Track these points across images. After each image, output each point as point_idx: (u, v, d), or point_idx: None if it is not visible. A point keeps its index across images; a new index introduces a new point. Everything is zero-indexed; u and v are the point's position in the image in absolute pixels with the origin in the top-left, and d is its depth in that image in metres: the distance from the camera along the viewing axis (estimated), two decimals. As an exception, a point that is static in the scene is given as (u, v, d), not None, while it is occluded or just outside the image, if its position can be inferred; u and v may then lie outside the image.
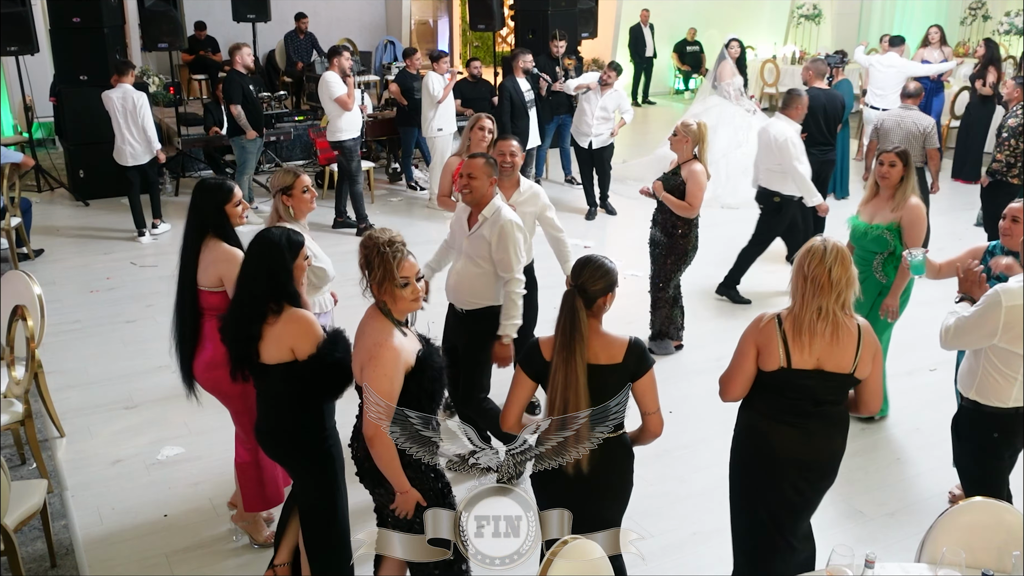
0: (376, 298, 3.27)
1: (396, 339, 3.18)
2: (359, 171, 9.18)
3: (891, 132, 7.68)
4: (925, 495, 4.78)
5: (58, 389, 5.68)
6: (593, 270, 3.16)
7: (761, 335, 3.31)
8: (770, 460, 3.39)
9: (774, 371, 3.28)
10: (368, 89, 14.17)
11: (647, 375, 3.21)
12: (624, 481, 3.34)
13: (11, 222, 8.11)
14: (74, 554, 4.31)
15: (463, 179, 4.52)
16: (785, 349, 3.24)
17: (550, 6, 11.85)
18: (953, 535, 3.10)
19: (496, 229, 4.48)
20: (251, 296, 3.42)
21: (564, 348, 3.10)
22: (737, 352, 3.39)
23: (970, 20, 15.65)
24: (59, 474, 4.99)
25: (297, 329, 3.39)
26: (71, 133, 10.47)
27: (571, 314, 3.11)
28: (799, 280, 3.25)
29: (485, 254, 4.55)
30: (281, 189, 4.27)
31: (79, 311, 7.28)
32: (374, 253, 3.20)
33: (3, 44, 9.84)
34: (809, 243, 3.29)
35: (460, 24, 18.14)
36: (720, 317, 7.07)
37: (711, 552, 4.24)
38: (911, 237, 4.97)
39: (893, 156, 5.04)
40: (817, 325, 3.21)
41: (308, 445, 3.54)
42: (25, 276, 5.24)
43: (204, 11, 14.47)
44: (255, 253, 3.48)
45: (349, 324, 3.49)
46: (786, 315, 3.30)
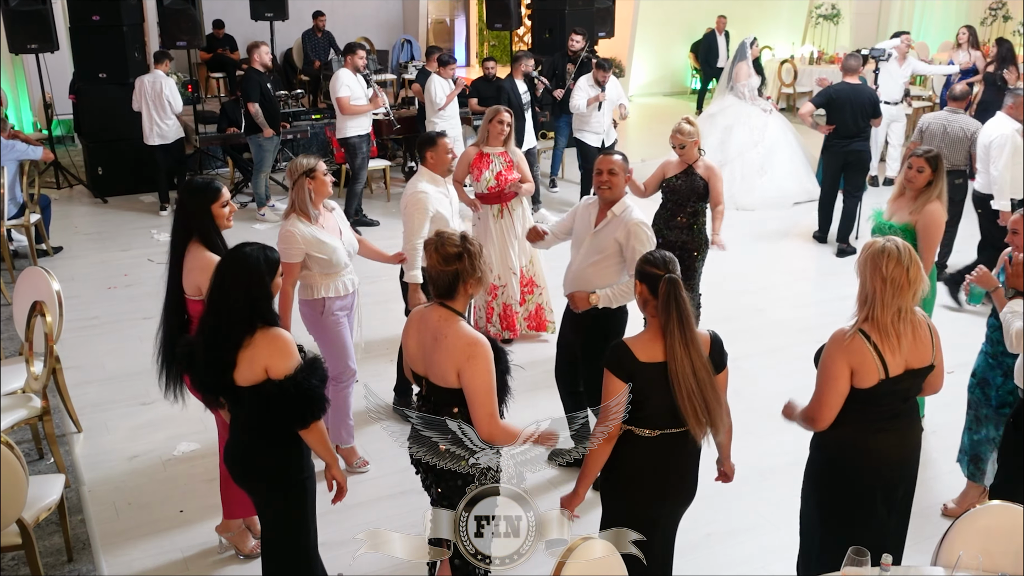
0: (446, 300, 3.24)
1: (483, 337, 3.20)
2: (363, 169, 9.18)
3: (937, 135, 7.59)
4: (942, 498, 4.75)
5: (76, 384, 5.72)
6: (670, 257, 3.21)
7: (853, 355, 3.20)
8: (872, 474, 3.32)
9: (874, 385, 3.21)
10: (385, 88, 14.21)
11: (725, 370, 3.24)
12: (695, 483, 3.37)
13: (30, 219, 8.17)
14: (91, 549, 4.34)
15: (603, 175, 4.56)
16: (881, 361, 3.18)
17: (567, 5, 11.82)
18: (971, 538, 3.08)
19: (626, 229, 4.50)
20: (229, 322, 3.19)
21: (683, 334, 3.06)
22: (828, 377, 3.25)
23: (990, 21, 15.53)
24: (76, 469, 5.02)
25: (272, 349, 3.19)
26: (90, 130, 10.56)
27: (679, 302, 3.08)
28: (877, 284, 3.17)
29: (609, 251, 4.56)
30: (305, 172, 4.37)
31: (97, 307, 7.33)
32: (465, 258, 3.19)
33: (24, 42, 9.92)
34: (874, 245, 3.23)
35: (477, 23, 18.15)
36: (732, 319, 7.03)
37: (725, 553, 4.22)
38: (925, 242, 4.91)
39: (922, 161, 4.96)
40: (900, 327, 3.18)
41: (280, 476, 3.36)
42: (44, 272, 5.27)
43: (222, 9, 14.53)
44: (232, 274, 3.23)
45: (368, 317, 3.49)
46: (868, 326, 3.22)
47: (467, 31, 18.81)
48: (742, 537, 4.29)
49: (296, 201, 4.43)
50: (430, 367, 3.24)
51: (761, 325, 6.84)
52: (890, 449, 3.32)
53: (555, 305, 6.75)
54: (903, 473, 3.40)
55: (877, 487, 3.34)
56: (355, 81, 8.87)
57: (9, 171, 7.96)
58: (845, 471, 3.35)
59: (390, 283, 5.76)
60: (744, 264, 8.18)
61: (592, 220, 4.67)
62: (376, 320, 6.47)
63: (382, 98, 9.25)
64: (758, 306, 7.23)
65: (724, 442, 3.42)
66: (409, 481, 3.54)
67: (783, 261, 8.35)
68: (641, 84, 17.69)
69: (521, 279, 6.51)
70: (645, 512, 3.24)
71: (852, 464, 3.33)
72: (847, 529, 3.35)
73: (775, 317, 7.00)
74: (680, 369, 3.07)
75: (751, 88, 10.36)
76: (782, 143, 10.35)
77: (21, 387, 4.92)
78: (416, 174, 5.32)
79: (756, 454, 4.94)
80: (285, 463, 3.35)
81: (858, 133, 8.47)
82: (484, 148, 6.22)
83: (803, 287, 7.86)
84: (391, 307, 6.26)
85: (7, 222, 7.94)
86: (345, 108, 8.81)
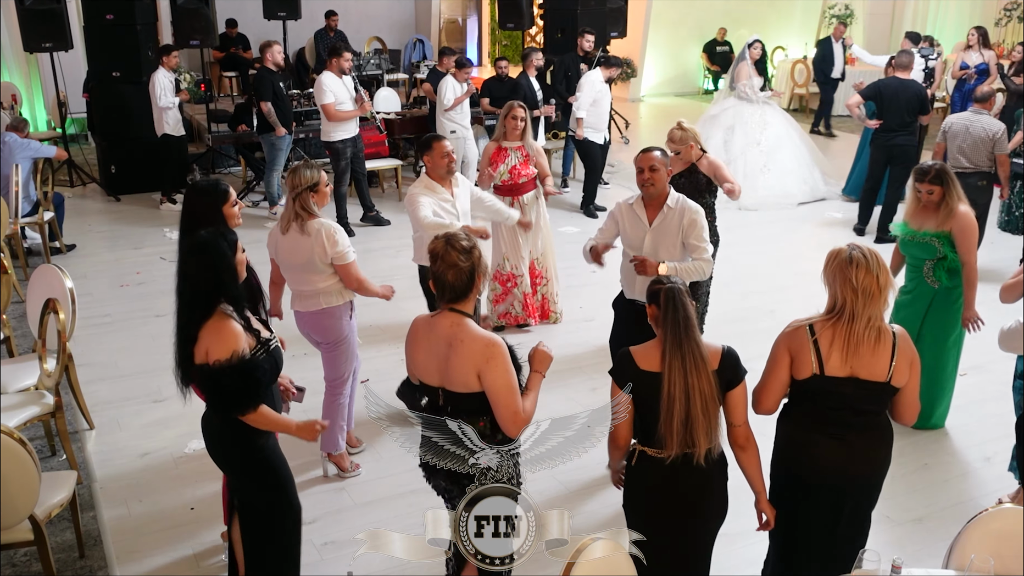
0: (457, 303, 3.22)
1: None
2: (346, 173, 9.09)
3: (959, 135, 7.63)
4: (953, 501, 4.73)
5: (88, 382, 5.75)
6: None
7: (792, 341, 3.26)
8: (811, 473, 3.33)
9: (807, 378, 3.23)
10: (397, 87, 14.22)
11: (740, 386, 3.17)
12: (724, 489, 3.31)
13: (44, 216, 8.22)
14: (102, 545, 4.36)
15: (645, 173, 4.58)
16: (817, 355, 3.19)
17: (579, 5, 11.82)
18: (982, 542, 3.06)
19: (687, 218, 4.56)
20: (194, 298, 3.32)
21: (681, 345, 3.05)
22: (769, 360, 3.33)
23: (1005, 21, 15.44)
24: (88, 466, 5.05)
25: (216, 334, 3.25)
26: (103, 129, 10.61)
27: (677, 311, 3.08)
28: (848, 293, 3.17)
29: (670, 245, 4.59)
30: (309, 187, 4.40)
31: (109, 305, 7.37)
32: (476, 251, 3.19)
33: (38, 40, 9.99)
34: (840, 254, 3.21)
35: (489, 23, 18.16)
36: (737, 321, 7.00)
37: (736, 555, 4.21)
38: (965, 246, 4.88)
39: (928, 186, 4.93)
40: (864, 334, 3.16)
41: (238, 454, 3.47)
42: (57, 270, 5.30)
43: (235, 9, 14.59)
44: (195, 257, 3.35)
45: (369, 318, 3.49)
46: (821, 324, 3.23)
47: (479, 31, 18.83)
48: (755, 538, 4.27)
49: (298, 214, 4.44)
50: (447, 375, 3.19)
51: (771, 327, 6.75)
52: (835, 458, 3.27)
53: (560, 297, 7.00)
54: (853, 484, 3.34)
55: (821, 487, 3.33)
56: (339, 85, 8.77)
57: (24, 169, 8.01)
58: (787, 463, 3.41)
59: (396, 283, 5.76)
60: (753, 265, 8.16)
61: (643, 218, 4.67)
62: (384, 321, 6.51)
63: (369, 102, 9.21)
64: (768, 307, 7.20)
65: (755, 477, 3.34)
66: (417, 480, 3.54)
67: (793, 262, 8.32)
68: (653, 84, 17.67)
69: (532, 270, 6.72)
70: (666, 530, 3.19)
71: (794, 457, 3.38)
72: (790, 521, 3.40)
73: (785, 319, 6.90)
74: (669, 378, 3.06)
75: (752, 88, 10.38)
76: (785, 141, 10.38)
77: (34, 384, 4.95)
78: (416, 181, 5.40)
79: (767, 456, 4.91)
80: (240, 442, 3.41)
81: (904, 127, 8.64)
82: (503, 143, 6.52)
83: (813, 288, 7.76)
84: (401, 305, 6.25)
85: (21, 220, 7.99)
86: (332, 115, 8.70)
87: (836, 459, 3.28)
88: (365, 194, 9.42)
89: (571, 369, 6.08)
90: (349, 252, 4.49)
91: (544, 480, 4.71)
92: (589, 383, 5.89)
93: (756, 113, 10.35)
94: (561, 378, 5.80)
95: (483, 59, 18.84)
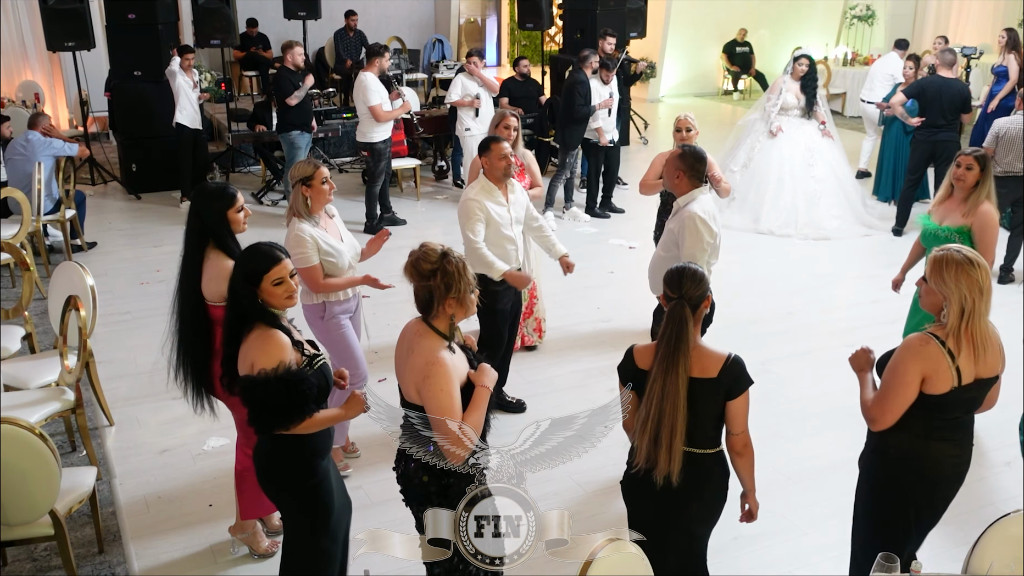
0: (426, 315, 3.18)
1: (446, 355, 3.09)
2: (383, 174, 9.14)
3: (1014, 141, 7.62)
4: (974, 505, 4.69)
5: (108, 379, 5.79)
6: (691, 276, 3.11)
7: (926, 361, 3.13)
8: (933, 482, 3.28)
9: (945, 393, 3.14)
10: (416, 87, 14.26)
11: (741, 396, 3.13)
12: (717, 499, 3.28)
13: (66, 214, 8.29)
14: (121, 541, 4.39)
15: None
16: (956, 369, 3.11)
17: (599, 5, 11.79)
18: (1003, 547, 3.03)
19: (681, 220, 4.58)
20: (228, 318, 3.30)
21: (666, 359, 3.04)
22: (897, 383, 3.18)
23: (1029, 22, 15.29)
24: (108, 462, 5.09)
25: (261, 346, 3.17)
26: (124, 128, 10.68)
27: (679, 326, 3.05)
28: (975, 294, 3.09)
29: (670, 242, 4.68)
30: (301, 179, 4.33)
31: (129, 302, 7.41)
32: (439, 276, 3.11)
33: (61, 39, 10.08)
34: (952, 256, 3.14)
35: (508, 23, 18.17)
36: (754, 323, 6.98)
37: (750, 558, 4.20)
38: (983, 243, 4.83)
39: (971, 159, 4.91)
40: (989, 332, 3.14)
41: (285, 479, 3.35)
42: (79, 267, 5.34)
43: (256, 8, 14.66)
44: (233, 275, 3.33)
45: (378, 318, 3.49)
46: (948, 333, 3.14)
47: (498, 31, 18.84)
48: (769, 541, 4.26)
49: (293, 207, 4.40)
50: (400, 378, 3.22)
51: (791, 328, 6.77)
52: (950, 460, 3.24)
53: (548, 315, 6.61)
54: (951, 491, 3.32)
55: (946, 498, 3.30)
56: (380, 86, 8.84)
57: (46, 167, 8.08)
58: (899, 479, 3.30)
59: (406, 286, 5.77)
60: (772, 266, 8.13)
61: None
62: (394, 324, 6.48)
63: (408, 101, 9.24)
64: (788, 308, 7.17)
65: (747, 478, 3.31)
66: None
67: (812, 263, 8.28)
68: (672, 85, 17.61)
69: (531, 290, 6.35)
70: (649, 531, 3.13)
71: (913, 468, 3.26)
72: (889, 532, 3.32)
73: (805, 320, 6.91)
74: (652, 380, 3.06)
75: (776, 105, 9.21)
76: (829, 178, 9.30)
77: (55, 380, 4.99)
78: (471, 184, 5.22)
79: (784, 458, 4.90)
80: (292, 468, 3.31)
81: (946, 125, 8.68)
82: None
83: (833, 291, 7.79)
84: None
85: (43, 217, 8.07)
86: (380, 116, 8.76)
87: (951, 461, 3.26)
88: (385, 195, 9.45)
89: (587, 370, 6.07)
90: (302, 258, 4.34)
91: (561, 480, 4.72)
92: (606, 383, 5.88)
93: (763, 133, 9.30)
94: (577, 379, 5.79)
95: (502, 59, 18.85)
